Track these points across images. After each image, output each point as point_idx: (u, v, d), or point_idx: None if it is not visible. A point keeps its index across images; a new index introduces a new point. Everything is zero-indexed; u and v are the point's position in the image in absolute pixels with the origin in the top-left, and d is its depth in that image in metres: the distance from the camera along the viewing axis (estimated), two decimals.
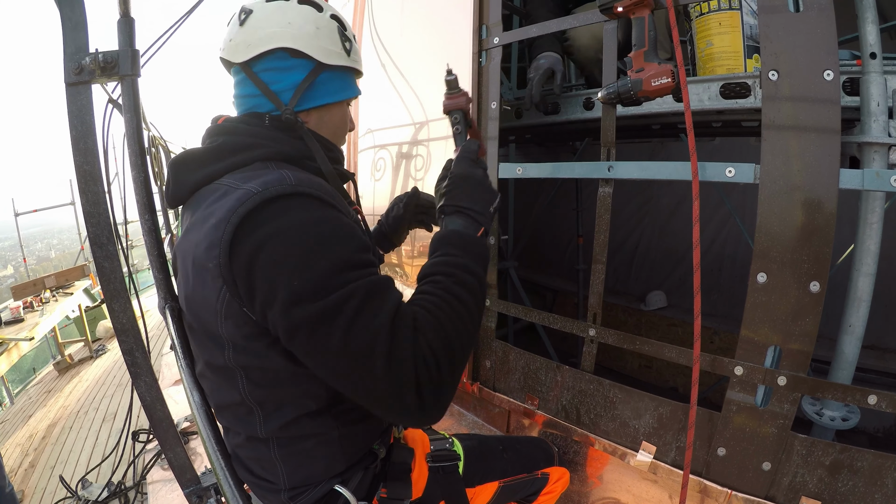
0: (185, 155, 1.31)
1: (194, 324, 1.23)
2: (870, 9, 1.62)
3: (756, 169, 1.60)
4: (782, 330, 1.60)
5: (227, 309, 1.12)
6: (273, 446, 1.30)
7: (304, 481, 1.34)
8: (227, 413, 1.33)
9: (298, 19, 1.32)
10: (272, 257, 1.04)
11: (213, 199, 1.16)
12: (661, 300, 4.34)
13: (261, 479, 1.36)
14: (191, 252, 1.15)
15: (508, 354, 2.39)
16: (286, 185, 1.10)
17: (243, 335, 1.14)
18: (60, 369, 7.63)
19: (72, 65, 1.31)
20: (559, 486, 1.86)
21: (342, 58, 1.40)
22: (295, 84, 1.35)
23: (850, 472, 1.55)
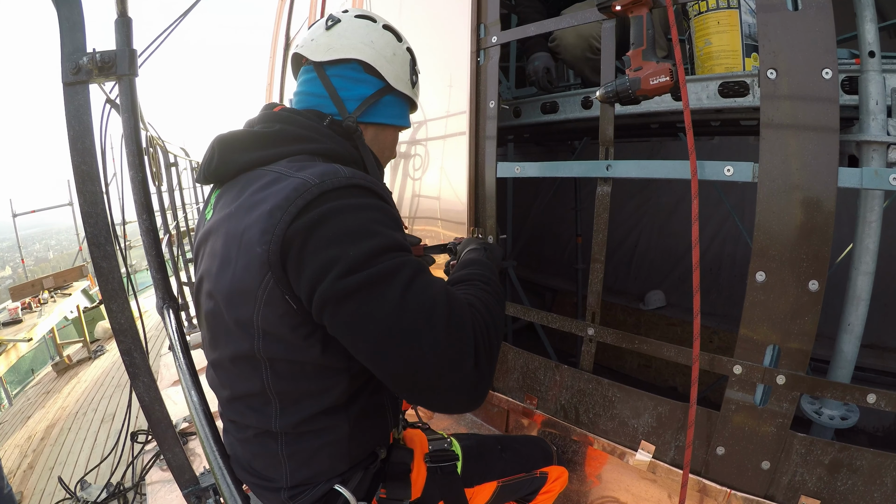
0: (234, 134, 1.31)
1: (223, 309, 1.21)
2: (868, 7, 1.62)
3: (754, 168, 1.60)
4: (781, 329, 1.60)
5: (268, 296, 1.11)
6: (281, 442, 1.30)
7: (307, 480, 1.34)
8: (240, 404, 1.32)
9: (381, 41, 1.44)
10: (327, 234, 1.06)
11: (261, 184, 1.17)
12: (660, 299, 4.34)
13: (261, 477, 1.36)
14: (236, 236, 1.15)
15: (507, 354, 2.39)
16: (342, 178, 1.11)
17: (279, 324, 1.14)
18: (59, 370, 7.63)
19: (69, 65, 1.30)
20: (558, 485, 1.86)
21: (408, 87, 1.52)
22: (362, 97, 1.43)
23: (849, 470, 1.55)
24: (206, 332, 1.36)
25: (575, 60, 2.69)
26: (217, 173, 1.31)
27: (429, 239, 2.70)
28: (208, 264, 1.26)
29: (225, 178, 1.31)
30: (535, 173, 2.19)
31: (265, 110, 1.39)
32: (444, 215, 2.59)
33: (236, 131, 1.33)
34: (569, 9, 2.41)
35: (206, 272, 1.28)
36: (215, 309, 1.24)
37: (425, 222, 2.74)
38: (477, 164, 2.34)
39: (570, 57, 2.69)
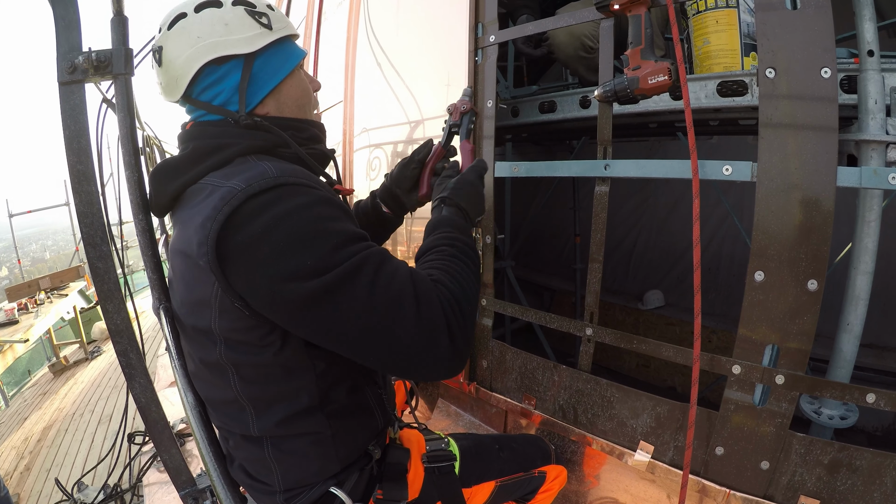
0: (162, 164, 1.30)
1: (186, 322, 1.23)
2: (867, 6, 1.62)
3: (753, 167, 1.59)
4: (780, 328, 1.59)
5: (220, 304, 1.12)
6: (266, 446, 1.30)
7: (299, 482, 1.34)
8: (220, 412, 1.33)
9: (205, 28, 1.26)
10: (273, 247, 1.05)
11: (199, 198, 1.16)
12: (659, 299, 4.34)
13: (257, 480, 1.36)
14: (181, 251, 1.16)
15: (505, 354, 2.39)
16: (269, 179, 1.10)
17: (236, 329, 1.15)
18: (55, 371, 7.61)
19: (65, 64, 1.29)
20: (556, 485, 1.86)
21: (265, 36, 1.32)
22: (234, 87, 1.30)
23: (848, 470, 1.55)
24: (183, 343, 1.37)
25: (568, 59, 2.70)
26: (158, 205, 1.32)
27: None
28: (171, 281, 1.30)
29: (166, 206, 1.31)
30: (533, 173, 2.19)
31: (181, 130, 1.36)
32: None
33: (165, 160, 1.31)
34: (563, 8, 2.41)
35: (171, 289, 1.32)
36: (183, 321, 1.26)
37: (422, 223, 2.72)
38: None
39: (563, 56, 2.69)
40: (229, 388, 1.23)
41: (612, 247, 4.83)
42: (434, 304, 1.12)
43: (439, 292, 1.15)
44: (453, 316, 1.14)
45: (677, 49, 1.59)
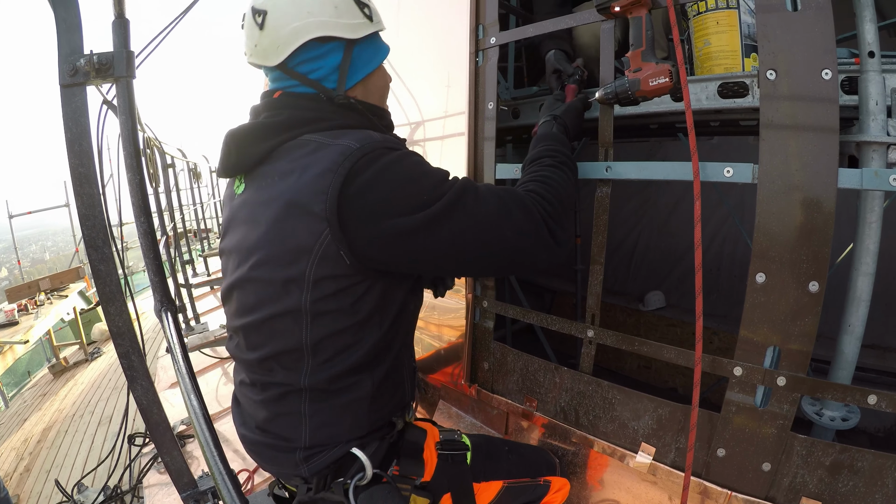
0: (246, 128, 1.37)
1: (269, 270, 1.29)
2: (868, 7, 1.62)
3: (754, 169, 1.59)
4: (781, 330, 1.59)
5: (324, 250, 1.22)
6: (305, 399, 1.35)
7: (325, 440, 1.37)
8: (271, 363, 1.37)
9: (316, 6, 1.33)
10: (387, 192, 1.23)
11: (303, 152, 1.28)
12: (660, 300, 4.33)
13: (277, 436, 1.40)
14: (282, 198, 1.25)
15: (506, 356, 2.38)
16: (377, 141, 1.26)
17: (330, 277, 1.24)
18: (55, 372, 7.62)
19: (66, 66, 1.30)
20: (559, 497, 1.85)
21: (367, 26, 1.43)
22: (334, 68, 1.40)
23: (850, 472, 1.54)
24: (233, 302, 1.42)
25: (588, 62, 2.69)
26: (238, 166, 1.38)
27: None
28: (244, 232, 1.34)
29: (246, 169, 1.38)
30: None
31: (265, 98, 1.43)
32: None
33: (247, 124, 1.38)
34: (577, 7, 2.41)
35: (242, 240, 1.35)
36: (256, 275, 1.31)
37: None
38: (476, 166, 2.33)
39: (585, 57, 2.68)
40: (297, 336, 1.29)
41: (613, 248, 4.82)
42: (529, 206, 1.35)
43: (531, 198, 1.37)
44: (549, 214, 1.37)
45: (678, 51, 1.60)
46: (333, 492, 1.39)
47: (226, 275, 1.46)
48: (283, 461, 1.41)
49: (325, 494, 1.40)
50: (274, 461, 1.44)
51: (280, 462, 1.42)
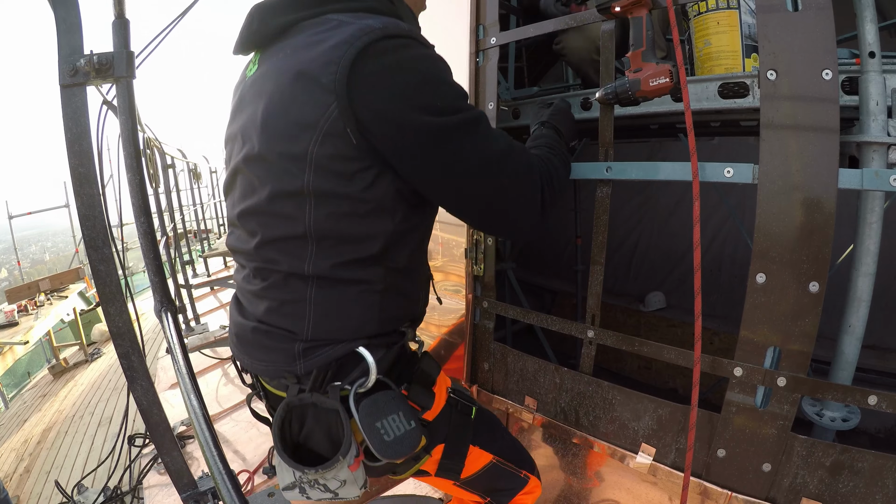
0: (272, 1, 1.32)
1: (273, 146, 1.23)
2: (868, 7, 1.62)
3: (754, 169, 1.59)
4: (782, 330, 1.59)
5: (329, 126, 1.15)
6: (312, 287, 1.28)
7: (329, 335, 1.31)
8: (273, 248, 1.30)
9: None
10: (407, 81, 1.16)
11: (322, 29, 1.21)
12: (661, 301, 4.33)
13: (277, 327, 1.33)
14: (295, 73, 1.19)
15: (506, 356, 2.39)
16: (403, 28, 1.19)
17: (334, 157, 1.17)
18: (55, 373, 7.62)
19: (66, 66, 1.30)
20: (530, 499, 1.79)
21: None
22: None
23: (850, 472, 1.54)
24: (236, 188, 1.38)
25: (580, 63, 2.70)
26: (259, 35, 1.33)
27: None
28: (250, 112, 1.29)
29: (266, 40, 1.33)
30: None
31: None
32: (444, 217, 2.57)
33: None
34: None
35: (247, 120, 1.30)
36: (258, 151, 1.25)
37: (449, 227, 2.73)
38: None
39: (575, 59, 2.69)
40: (300, 221, 1.23)
41: (613, 248, 4.83)
42: (534, 167, 1.33)
43: (538, 161, 1.37)
44: (547, 184, 1.35)
45: (678, 51, 1.59)
46: (329, 395, 1.30)
47: (229, 163, 1.41)
48: (278, 353, 1.33)
49: (318, 398, 1.30)
50: (267, 353, 1.35)
51: (274, 355, 1.34)
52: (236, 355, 1.50)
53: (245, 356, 1.43)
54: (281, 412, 1.30)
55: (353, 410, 1.28)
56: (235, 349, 1.48)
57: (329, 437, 1.30)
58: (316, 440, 1.32)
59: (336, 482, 1.29)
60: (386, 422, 1.29)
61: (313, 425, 1.31)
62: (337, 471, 1.27)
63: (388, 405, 1.31)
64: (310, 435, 1.32)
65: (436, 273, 2.60)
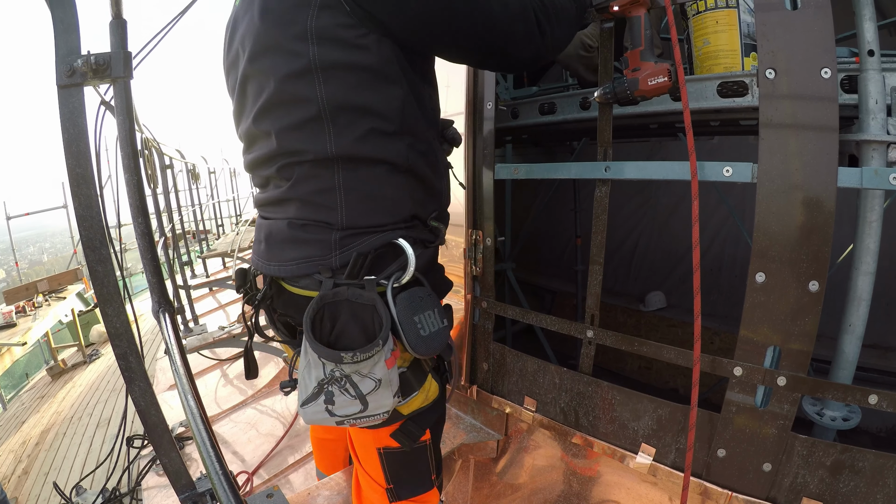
0: None
1: (268, 37, 1.25)
2: (867, 6, 1.62)
3: (754, 168, 1.59)
4: (782, 330, 1.59)
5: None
6: (338, 171, 1.29)
7: (364, 220, 1.31)
8: (291, 139, 1.30)
9: None
10: None
11: None
12: (661, 301, 4.34)
13: (311, 220, 1.32)
14: None
15: (506, 357, 2.38)
16: None
17: (334, 27, 1.19)
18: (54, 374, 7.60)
19: (63, 67, 1.29)
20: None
21: None
22: None
23: (851, 472, 1.54)
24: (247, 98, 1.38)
25: (568, 59, 2.70)
26: None
27: None
28: (249, 16, 1.30)
29: None
30: (533, 175, 2.19)
31: None
32: None
33: None
34: None
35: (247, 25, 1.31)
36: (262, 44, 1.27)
37: None
38: (475, 166, 2.33)
39: (563, 56, 2.70)
40: (313, 101, 1.24)
41: (614, 248, 4.83)
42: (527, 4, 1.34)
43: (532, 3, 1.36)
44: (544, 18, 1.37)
45: (676, 51, 1.59)
46: (366, 289, 1.28)
47: (235, 80, 1.41)
48: (313, 246, 1.31)
49: (354, 292, 1.28)
50: (301, 249, 1.33)
51: (309, 248, 1.32)
52: (259, 265, 1.47)
53: (271, 261, 1.40)
54: (314, 307, 1.26)
55: (391, 303, 1.28)
56: (261, 258, 1.45)
57: (364, 333, 1.28)
58: (350, 338, 1.28)
59: (370, 381, 1.25)
60: (423, 316, 1.30)
61: (348, 321, 1.29)
62: (374, 363, 1.24)
63: (424, 301, 1.32)
64: (342, 333, 1.29)
65: None
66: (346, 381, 1.24)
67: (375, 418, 1.31)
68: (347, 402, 1.26)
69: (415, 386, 1.45)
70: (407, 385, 1.42)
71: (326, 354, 1.22)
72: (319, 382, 1.25)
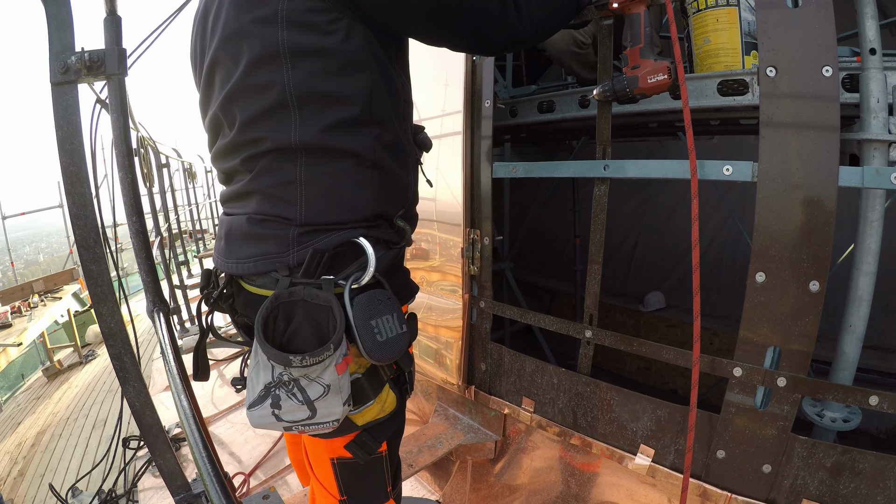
0: None
1: (239, 19, 1.21)
2: (869, 4, 1.61)
3: (754, 167, 1.58)
4: (782, 330, 1.58)
5: None
6: (301, 163, 1.25)
7: (324, 217, 1.27)
8: (255, 127, 1.26)
9: None
10: None
11: None
12: (660, 301, 4.33)
13: (270, 215, 1.28)
14: None
15: (504, 357, 2.37)
16: None
17: (305, 10, 1.16)
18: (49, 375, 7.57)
19: (57, 64, 1.27)
20: None
21: None
22: None
23: (851, 473, 1.53)
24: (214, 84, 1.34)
25: (561, 55, 2.70)
26: None
27: (423, 242, 2.68)
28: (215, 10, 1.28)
29: None
30: (531, 173, 2.18)
31: None
32: (440, 217, 2.56)
33: None
34: None
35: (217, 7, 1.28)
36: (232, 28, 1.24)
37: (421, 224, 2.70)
38: (473, 165, 2.32)
39: (555, 52, 2.69)
40: (280, 87, 1.20)
41: (613, 248, 4.83)
42: None
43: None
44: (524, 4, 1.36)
45: (676, 48, 1.58)
46: (322, 289, 1.23)
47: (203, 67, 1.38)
48: (271, 242, 1.27)
49: (310, 292, 1.23)
50: (259, 245, 1.29)
51: (266, 245, 1.28)
52: (219, 263, 1.42)
53: (230, 259, 1.36)
54: (267, 306, 1.21)
55: (348, 305, 1.23)
56: (221, 255, 1.40)
57: (318, 335, 1.23)
58: (302, 340, 1.23)
59: (319, 387, 1.19)
60: (381, 321, 1.24)
61: (302, 322, 1.23)
62: (324, 367, 1.18)
63: (383, 304, 1.27)
64: (296, 334, 1.23)
65: (433, 273, 2.59)
66: (293, 385, 1.20)
67: (325, 426, 1.25)
68: (294, 408, 1.21)
69: (370, 395, 1.37)
70: (361, 393, 1.35)
71: (275, 357, 1.17)
72: (266, 385, 1.20)
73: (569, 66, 2.76)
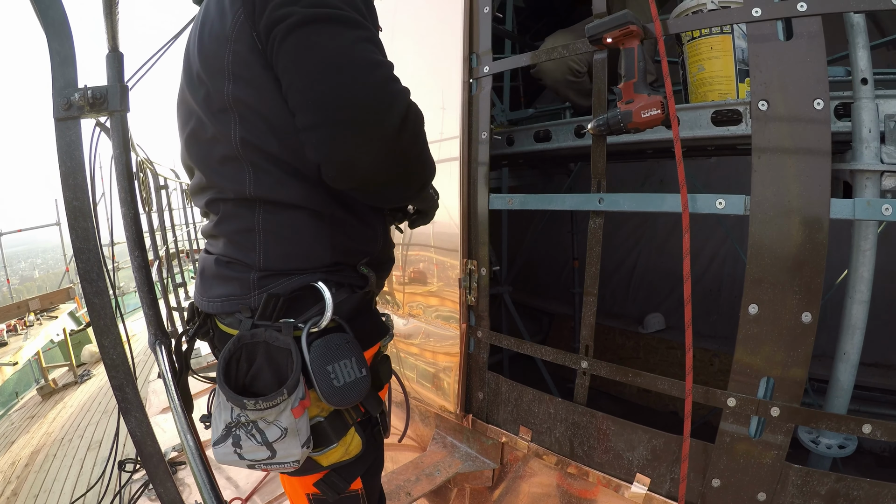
0: None
1: (203, 65, 1.24)
2: (861, 33, 1.64)
3: (746, 200, 1.60)
4: (775, 361, 1.59)
5: (237, 34, 1.16)
6: (259, 213, 1.26)
7: (282, 263, 1.27)
8: (218, 174, 1.29)
9: None
10: None
11: None
12: (660, 322, 4.32)
13: (233, 259, 1.30)
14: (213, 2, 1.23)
15: (501, 386, 2.37)
16: None
17: (248, 63, 1.17)
18: (44, 394, 7.52)
19: (60, 100, 1.29)
20: None
21: None
22: None
23: (846, 501, 1.54)
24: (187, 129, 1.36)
25: (556, 84, 2.73)
26: None
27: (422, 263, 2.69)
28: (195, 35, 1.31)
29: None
30: (527, 206, 2.20)
31: None
32: (437, 241, 2.58)
33: None
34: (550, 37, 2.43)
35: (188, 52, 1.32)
36: (195, 72, 1.26)
37: (418, 248, 2.72)
38: (469, 195, 2.33)
39: (550, 81, 2.72)
40: (230, 140, 1.22)
41: (612, 269, 4.83)
42: (404, 90, 1.16)
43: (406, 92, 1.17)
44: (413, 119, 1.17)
45: (667, 83, 1.60)
46: (282, 332, 1.23)
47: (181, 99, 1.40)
48: (234, 284, 1.28)
49: (271, 335, 1.23)
50: (225, 285, 1.30)
51: (231, 286, 1.29)
52: (196, 299, 1.44)
53: (203, 296, 1.38)
54: (230, 347, 1.22)
55: (305, 349, 1.23)
56: (197, 291, 1.42)
57: (278, 378, 1.23)
58: (263, 381, 1.24)
59: (276, 430, 1.20)
60: (338, 366, 1.24)
61: (263, 364, 1.24)
62: (280, 410, 1.19)
63: (341, 349, 1.26)
64: (258, 375, 1.24)
65: (430, 298, 2.59)
66: (252, 427, 1.21)
67: (286, 466, 1.26)
68: (254, 448, 1.22)
69: (332, 438, 1.35)
70: (322, 436, 1.34)
71: (231, 398, 1.18)
72: (227, 425, 1.21)
73: (564, 94, 2.79)
